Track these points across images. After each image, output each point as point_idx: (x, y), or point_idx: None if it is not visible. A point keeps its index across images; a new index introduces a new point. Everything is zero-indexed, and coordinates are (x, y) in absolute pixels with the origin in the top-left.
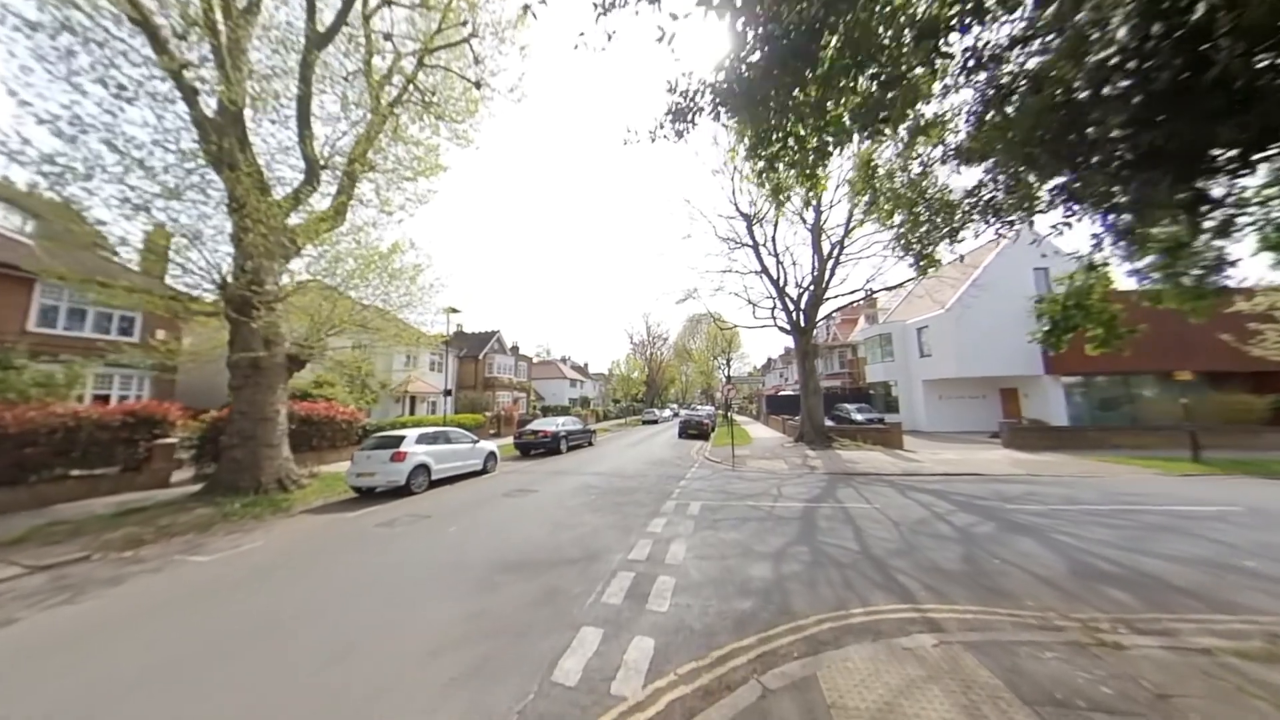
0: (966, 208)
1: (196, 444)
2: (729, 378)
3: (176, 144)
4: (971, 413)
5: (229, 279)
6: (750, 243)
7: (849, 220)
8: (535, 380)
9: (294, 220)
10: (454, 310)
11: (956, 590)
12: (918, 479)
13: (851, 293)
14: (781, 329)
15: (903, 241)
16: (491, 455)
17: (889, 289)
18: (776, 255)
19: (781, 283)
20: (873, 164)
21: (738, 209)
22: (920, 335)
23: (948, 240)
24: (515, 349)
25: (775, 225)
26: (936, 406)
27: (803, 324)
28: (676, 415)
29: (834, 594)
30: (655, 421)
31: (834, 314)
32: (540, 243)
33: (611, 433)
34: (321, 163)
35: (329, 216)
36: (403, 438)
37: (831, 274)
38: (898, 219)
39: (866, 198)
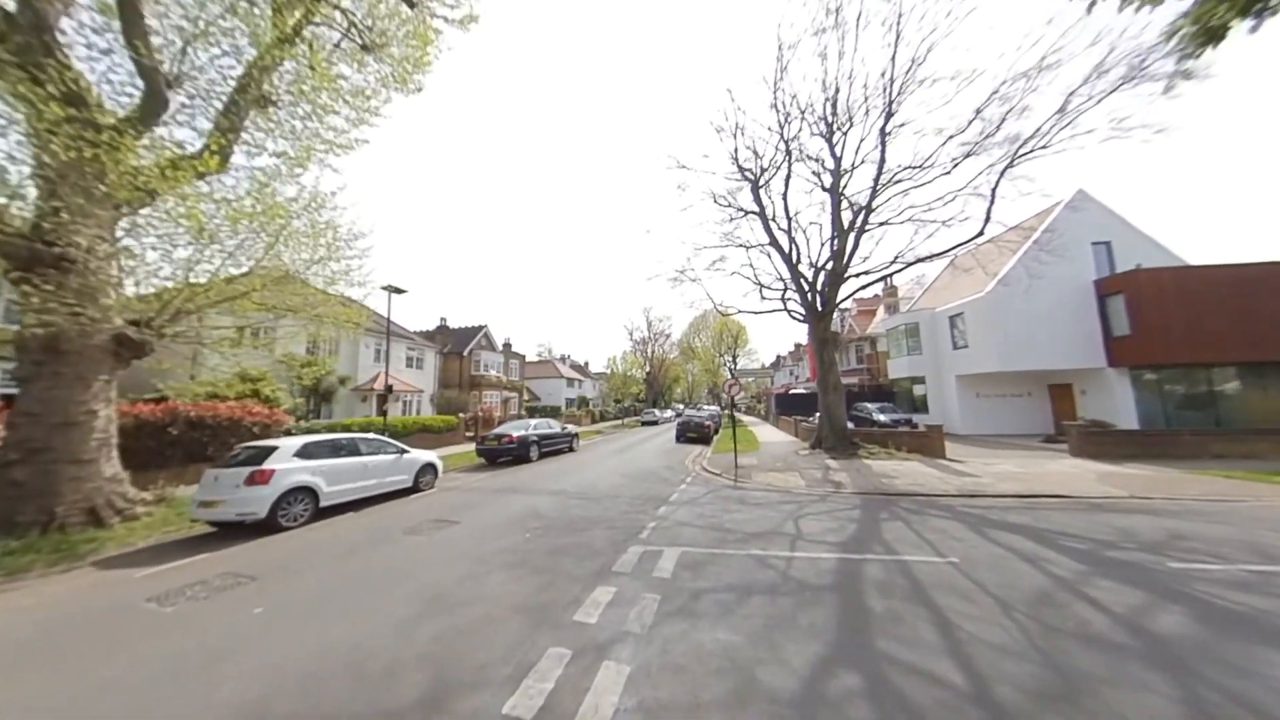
0: None
1: None
2: (733, 372)
3: None
4: (1014, 413)
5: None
6: (756, 209)
7: (877, 179)
8: (530, 380)
9: (144, 160)
10: (397, 290)
11: None
12: (986, 504)
13: (887, 265)
14: (793, 315)
15: None
16: (428, 468)
17: (927, 259)
18: (789, 229)
19: (794, 259)
20: None
21: (741, 170)
22: (954, 324)
23: None
24: (507, 346)
25: (787, 182)
26: (973, 406)
27: (820, 307)
28: (679, 416)
29: None
30: (655, 423)
31: (854, 296)
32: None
33: (605, 434)
34: (169, 77)
35: (199, 158)
36: (273, 449)
37: (855, 248)
38: None
39: None
